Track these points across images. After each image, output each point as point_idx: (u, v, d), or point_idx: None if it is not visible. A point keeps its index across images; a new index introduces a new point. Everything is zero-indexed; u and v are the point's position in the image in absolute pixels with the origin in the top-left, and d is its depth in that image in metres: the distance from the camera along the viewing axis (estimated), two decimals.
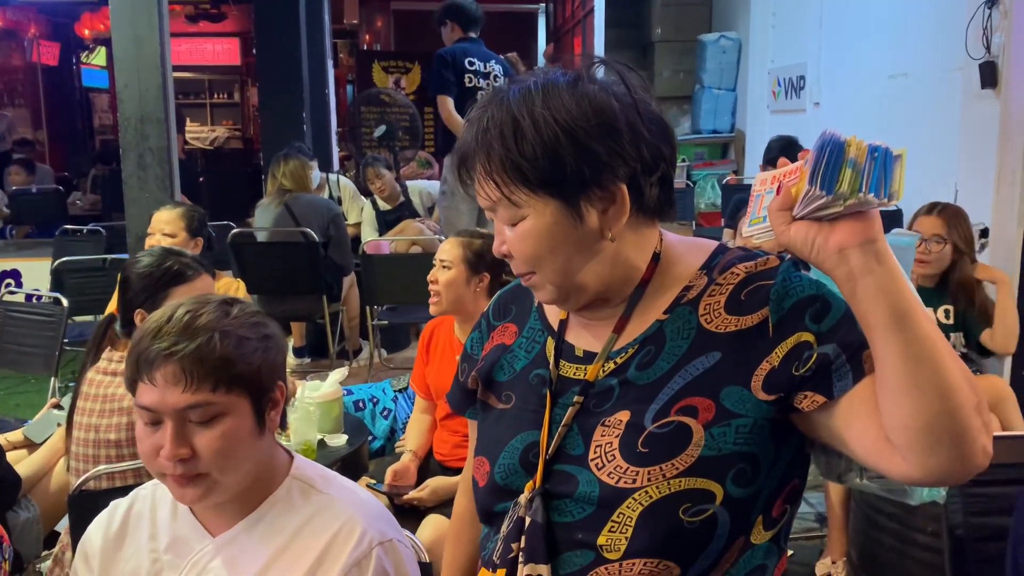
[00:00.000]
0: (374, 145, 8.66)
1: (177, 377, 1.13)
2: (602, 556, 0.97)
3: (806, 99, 5.85)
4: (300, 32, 7.50)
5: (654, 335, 1.01)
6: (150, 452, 1.16)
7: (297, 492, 1.25)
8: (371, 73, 10.24)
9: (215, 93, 14.16)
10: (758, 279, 0.98)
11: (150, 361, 1.14)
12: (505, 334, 1.16)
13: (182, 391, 1.13)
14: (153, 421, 1.16)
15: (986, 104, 3.60)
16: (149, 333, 1.16)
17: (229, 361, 1.15)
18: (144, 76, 3.98)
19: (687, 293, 1.02)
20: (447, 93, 4.66)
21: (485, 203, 1.02)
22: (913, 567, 2.20)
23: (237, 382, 1.16)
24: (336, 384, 2.54)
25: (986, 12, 3.57)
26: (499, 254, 1.04)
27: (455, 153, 1.05)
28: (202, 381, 1.13)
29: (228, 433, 1.16)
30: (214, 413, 1.15)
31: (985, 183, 3.59)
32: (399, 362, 5.07)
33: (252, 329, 1.19)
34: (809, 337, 0.93)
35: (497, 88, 1.02)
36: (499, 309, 1.20)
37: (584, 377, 1.03)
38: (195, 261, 2.19)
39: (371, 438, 3.00)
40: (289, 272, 4.64)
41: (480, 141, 0.99)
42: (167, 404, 1.14)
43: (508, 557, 1.01)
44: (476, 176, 1.01)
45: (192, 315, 1.17)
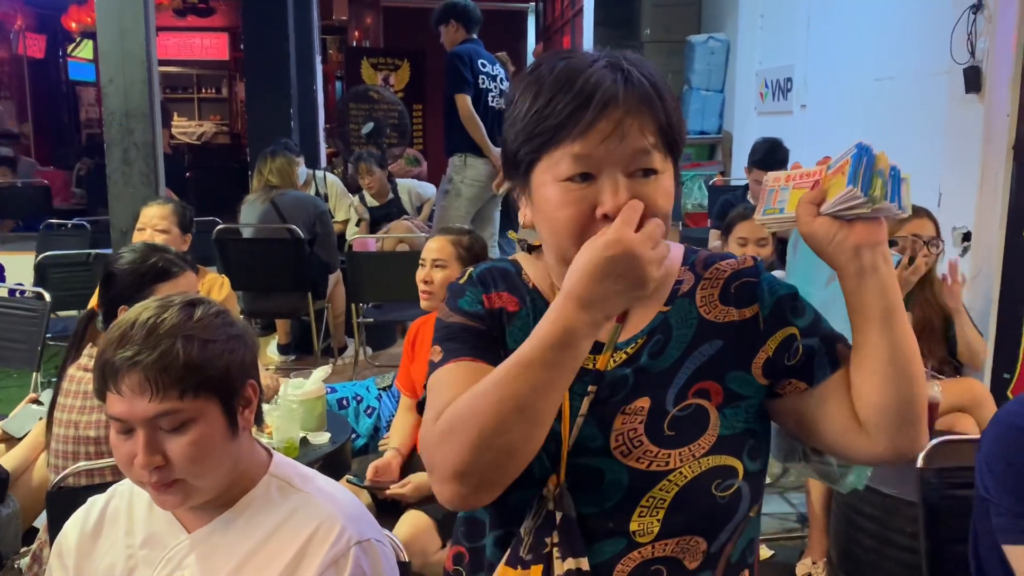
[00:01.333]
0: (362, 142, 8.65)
1: (143, 386, 1.12)
2: (634, 541, 1.01)
3: (793, 101, 5.88)
4: (288, 28, 7.47)
5: (661, 325, 1.06)
6: (125, 460, 1.16)
7: (275, 490, 1.24)
8: (360, 70, 10.23)
9: (203, 88, 14.09)
10: (744, 276, 1.08)
11: (115, 371, 1.13)
12: (503, 300, 1.10)
13: (148, 400, 1.12)
14: (125, 430, 1.15)
15: (970, 108, 3.62)
16: (113, 342, 1.15)
17: (194, 367, 1.14)
18: (129, 70, 3.96)
19: (680, 287, 1.09)
20: (466, 92, 4.67)
21: (638, 145, 0.96)
22: (892, 567, 2.22)
23: (204, 387, 1.15)
24: (319, 382, 2.54)
25: (971, 17, 3.59)
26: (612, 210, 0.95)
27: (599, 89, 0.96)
28: (168, 389, 1.12)
29: (199, 439, 1.15)
30: (183, 420, 1.14)
31: (968, 187, 3.61)
32: (384, 360, 5.06)
33: (217, 330, 1.18)
34: (794, 331, 1.04)
35: (607, 52, 1.02)
36: (485, 279, 1.12)
37: (595, 367, 1.04)
38: (179, 258, 2.19)
39: (354, 436, 3.00)
40: (274, 269, 4.63)
41: (640, 92, 0.98)
42: (136, 414, 1.13)
43: (543, 552, 1.00)
44: (630, 120, 0.96)
45: (154, 321, 1.15)
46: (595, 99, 0.96)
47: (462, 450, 0.93)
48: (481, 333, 1.06)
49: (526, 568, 1.01)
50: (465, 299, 1.10)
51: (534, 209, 1.03)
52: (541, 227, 1.03)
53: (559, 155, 0.97)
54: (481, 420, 0.92)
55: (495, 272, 1.13)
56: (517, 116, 1.01)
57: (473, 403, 0.94)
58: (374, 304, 4.94)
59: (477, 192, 4.90)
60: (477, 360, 1.02)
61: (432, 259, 2.52)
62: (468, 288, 1.11)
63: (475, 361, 1.02)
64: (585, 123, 0.95)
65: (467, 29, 4.83)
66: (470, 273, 1.14)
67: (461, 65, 4.68)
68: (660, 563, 1.01)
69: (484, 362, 1.02)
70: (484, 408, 0.92)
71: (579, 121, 0.96)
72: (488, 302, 1.09)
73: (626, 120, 0.96)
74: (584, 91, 0.96)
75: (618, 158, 0.96)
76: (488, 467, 0.93)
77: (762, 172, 4.16)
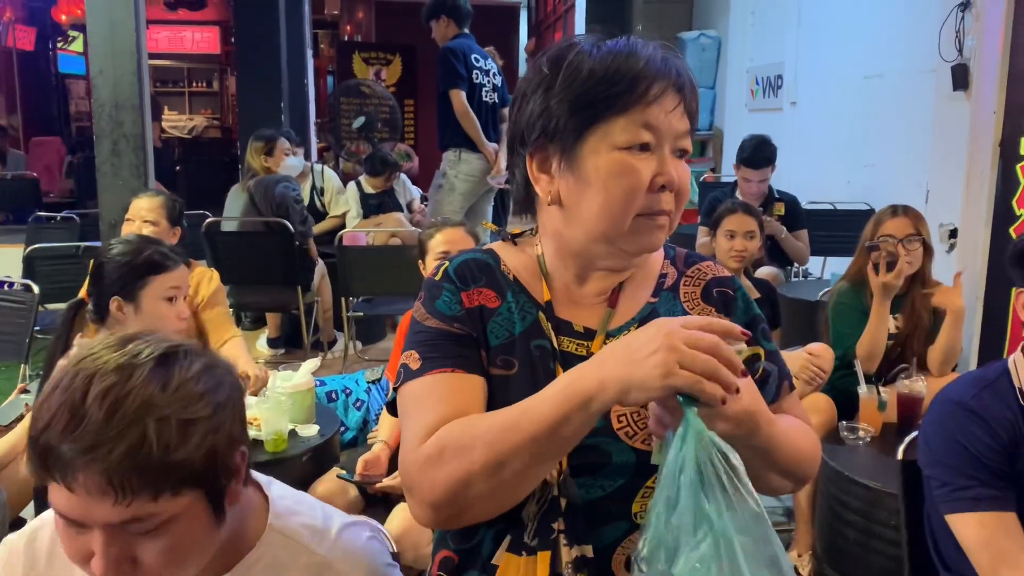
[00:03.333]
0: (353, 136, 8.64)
1: (103, 490, 0.84)
2: (635, 523, 1.02)
3: (783, 98, 5.90)
4: (280, 22, 7.44)
5: (650, 315, 1.08)
6: (78, 558, 0.90)
7: (281, 550, 1.02)
8: (351, 64, 10.20)
9: (194, 82, 14.03)
10: (723, 284, 1.13)
11: (64, 463, 0.84)
12: (482, 297, 1.07)
13: (112, 504, 0.85)
14: (73, 526, 0.89)
15: (957, 106, 3.65)
16: (57, 422, 0.85)
17: (173, 463, 0.86)
18: (119, 62, 3.95)
19: (665, 280, 1.12)
20: (459, 87, 4.67)
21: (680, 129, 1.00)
22: (876, 560, 2.24)
23: (186, 483, 0.88)
24: (308, 374, 2.54)
25: (959, 15, 3.62)
26: (669, 182, 1.00)
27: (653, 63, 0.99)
28: (138, 493, 0.85)
29: (179, 542, 0.90)
30: (159, 523, 0.88)
31: (955, 184, 3.64)
32: (374, 354, 5.06)
33: (199, 403, 0.89)
34: (761, 352, 1.10)
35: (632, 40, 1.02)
36: (463, 274, 1.09)
37: (588, 352, 1.05)
38: (172, 251, 2.18)
39: (343, 429, 2.99)
40: (264, 262, 4.62)
41: (684, 76, 1.01)
42: (94, 518, 0.86)
43: (550, 539, 0.99)
44: (670, 102, 0.99)
45: (115, 396, 0.85)
46: (661, 74, 0.98)
47: (447, 483, 0.92)
48: (460, 338, 1.03)
49: (532, 554, 0.99)
50: (442, 300, 1.06)
51: (576, 180, 1.01)
52: (585, 198, 1.01)
53: (623, 123, 0.98)
54: (471, 461, 0.91)
55: (472, 265, 1.10)
56: (567, 87, 0.99)
57: (466, 439, 0.93)
58: (364, 298, 4.94)
59: (471, 187, 4.91)
60: (457, 371, 1.01)
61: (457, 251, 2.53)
62: (445, 286, 1.08)
63: (455, 372, 1.01)
64: (655, 93, 0.98)
65: (458, 24, 4.83)
66: (445, 268, 1.10)
67: (455, 60, 4.68)
68: None
69: (465, 372, 1.01)
70: (478, 450, 0.91)
71: (648, 90, 0.98)
72: (467, 300, 1.06)
73: (682, 101, 1.00)
74: (651, 65, 0.98)
75: (674, 133, 1.00)
76: (469, 504, 0.93)
77: (750, 170, 4.18)
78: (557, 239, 1.08)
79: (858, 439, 2.48)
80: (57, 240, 5.06)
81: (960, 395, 1.54)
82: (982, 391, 1.53)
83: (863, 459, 2.41)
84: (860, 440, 2.48)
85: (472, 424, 0.95)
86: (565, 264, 1.09)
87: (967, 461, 1.49)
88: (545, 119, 1.01)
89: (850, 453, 2.44)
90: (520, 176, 1.09)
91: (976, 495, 1.48)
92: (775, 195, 4.27)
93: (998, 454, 1.48)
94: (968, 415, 1.51)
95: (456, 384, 1.00)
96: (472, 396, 1.00)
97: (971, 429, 1.50)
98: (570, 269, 1.09)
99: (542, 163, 1.05)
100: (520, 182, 1.09)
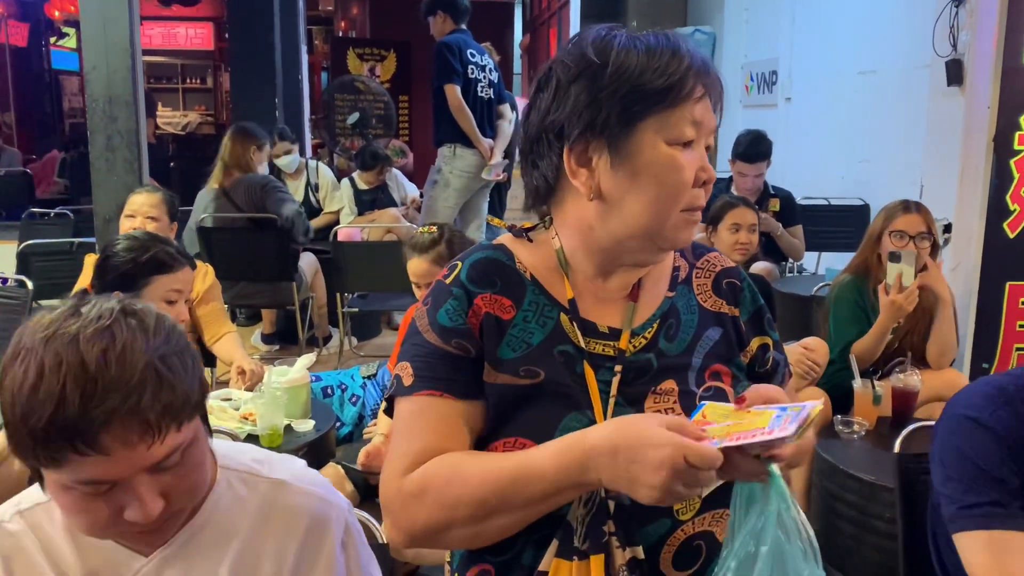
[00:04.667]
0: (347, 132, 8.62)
1: (141, 436, 0.89)
2: (677, 520, 1.02)
3: (778, 94, 5.90)
4: (274, 18, 7.43)
5: (670, 310, 1.10)
6: (105, 520, 0.93)
7: (238, 483, 1.09)
8: (346, 60, 10.17)
9: (188, 78, 13.99)
10: (730, 275, 1.15)
11: (94, 430, 0.86)
12: (496, 306, 1.05)
13: (148, 447, 0.90)
14: (101, 491, 0.92)
15: (951, 101, 3.65)
16: (69, 399, 0.85)
17: (184, 392, 0.93)
18: (113, 58, 3.94)
19: (678, 273, 1.13)
20: (454, 82, 4.66)
21: (712, 125, 1.02)
22: (871, 553, 2.25)
23: (195, 408, 0.96)
24: (304, 369, 2.53)
25: (953, 11, 3.62)
26: (712, 178, 1.03)
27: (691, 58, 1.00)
28: (168, 427, 0.91)
29: (195, 465, 0.98)
30: (182, 452, 0.95)
31: (949, 179, 3.64)
32: (369, 350, 5.06)
33: (174, 335, 0.96)
34: (769, 341, 1.14)
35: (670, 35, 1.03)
36: (477, 277, 1.07)
37: (616, 353, 1.05)
38: (178, 251, 2.16)
39: (339, 424, 3.00)
40: (257, 259, 4.61)
41: (717, 77, 1.02)
42: (135, 467, 0.91)
43: (602, 542, 0.98)
44: (706, 99, 1.01)
45: (116, 354, 0.88)
46: (704, 72, 1.00)
47: (427, 523, 0.97)
48: (456, 359, 1.02)
49: (584, 558, 0.97)
50: (445, 310, 1.04)
51: (626, 174, 0.99)
52: (634, 191, 1.00)
53: (676, 117, 0.98)
54: (454, 509, 0.95)
55: (489, 266, 1.07)
56: (620, 78, 0.98)
57: (453, 487, 0.96)
58: (359, 294, 4.93)
59: (466, 182, 4.90)
60: (447, 396, 1.01)
61: (426, 284, 2.52)
62: (454, 291, 1.05)
63: (444, 397, 1.01)
64: (701, 91, 0.99)
65: (455, 20, 4.82)
66: (458, 272, 1.08)
67: (450, 55, 4.67)
68: (699, 538, 1.03)
69: (454, 397, 1.01)
70: (463, 500, 0.95)
71: (696, 87, 0.98)
72: (474, 313, 1.04)
73: (717, 99, 1.02)
74: (695, 62, 0.99)
75: (710, 130, 1.02)
76: (446, 542, 1.00)
77: (746, 164, 4.18)
78: (586, 234, 1.06)
79: (853, 433, 2.49)
80: (51, 236, 5.05)
81: (978, 411, 1.44)
82: (999, 408, 1.43)
83: (858, 453, 2.42)
84: (855, 434, 2.49)
85: (459, 471, 0.96)
86: (589, 258, 1.07)
87: (979, 478, 1.40)
88: (593, 111, 0.99)
89: (845, 447, 2.45)
90: (549, 169, 1.05)
91: (987, 513, 1.38)
92: (770, 191, 4.27)
93: (1015, 474, 1.39)
94: (984, 433, 1.41)
95: (443, 411, 1.01)
96: (457, 425, 1.01)
97: (987, 447, 1.41)
98: (594, 263, 1.07)
99: (581, 156, 1.02)
100: (547, 175, 1.05)
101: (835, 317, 2.82)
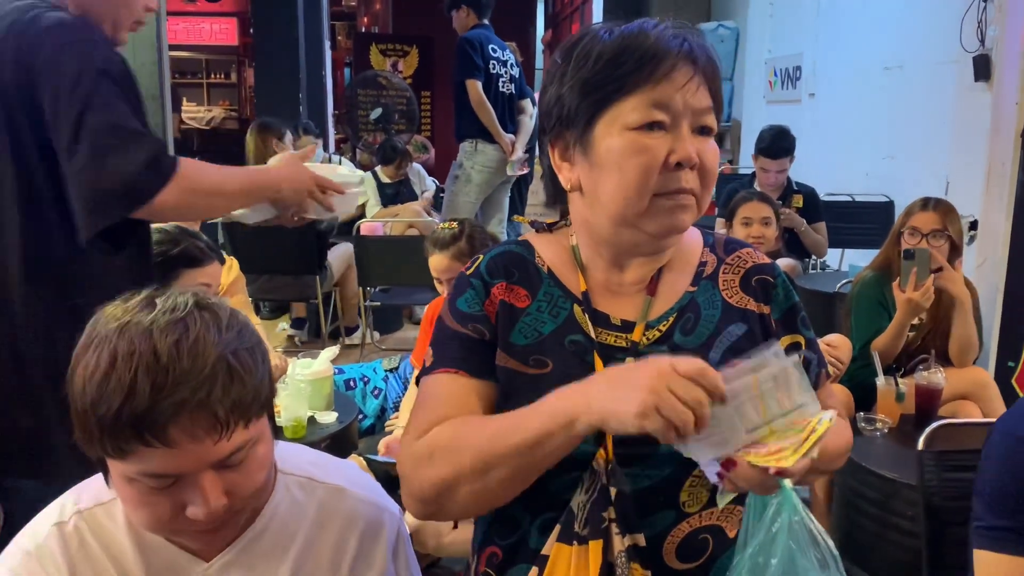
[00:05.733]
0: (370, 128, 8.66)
1: (209, 431, 0.89)
2: (683, 512, 1.03)
3: (802, 90, 5.87)
4: (298, 13, 7.48)
5: (689, 304, 1.08)
6: (167, 515, 0.93)
7: (297, 488, 1.09)
8: (368, 56, 10.22)
9: (212, 73, 14.09)
10: (764, 272, 1.12)
11: (163, 421, 0.87)
12: (512, 295, 1.08)
13: (216, 442, 0.90)
14: (165, 485, 0.92)
15: (979, 97, 3.62)
16: (140, 390, 0.86)
17: (254, 388, 0.93)
18: (140, 53, 3.99)
19: (704, 268, 1.12)
20: (476, 78, 4.68)
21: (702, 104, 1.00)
22: (893, 550, 2.24)
23: (263, 406, 0.96)
24: (327, 362, 2.56)
25: (981, 5, 3.58)
26: (687, 159, 0.99)
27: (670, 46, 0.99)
28: (236, 424, 0.91)
29: (262, 462, 0.98)
30: (248, 449, 0.95)
31: (975, 175, 3.61)
32: (392, 344, 5.09)
33: (246, 331, 0.96)
34: (801, 340, 1.12)
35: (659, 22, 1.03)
36: (495, 268, 1.10)
37: (628, 345, 1.05)
38: (208, 246, 2.18)
39: (361, 416, 3.02)
40: (282, 252, 4.65)
41: (699, 54, 1.01)
42: (201, 462, 0.91)
43: (601, 528, 0.99)
44: (691, 78, 0.99)
45: (188, 346, 0.89)
46: (671, 50, 0.99)
47: (435, 483, 0.98)
48: (472, 343, 1.06)
49: (583, 543, 0.99)
50: (464, 298, 1.09)
51: (590, 165, 1.02)
52: (601, 182, 1.01)
53: (632, 103, 0.98)
54: (459, 464, 0.96)
55: (507, 259, 1.11)
56: (576, 73, 1.01)
57: (456, 443, 0.97)
58: (381, 288, 4.96)
59: (487, 177, 4.91)
60: (461, 372, 1.05)
61: (447, 279, 2.54)
62: (472, 282, 1.09)
63: (459, 373, 1.05)
64: (664, 70, 0.98)
65: (478, 15, 4.83)
66: (479, 264, 1.12)
67: (471, 50, 4.68)
68: (706, 532, 1.03)
69: (467, 375, 1.04)
70: (466, 454, 0.96)
71: (656, 69, 0.98)
72: (490, 301, 1.07)
73: (696, 76, 1.00)
74: (660, 43, 0.99)
75: (689, 109, 0.99)
76: (455, 503, 0.99)
77: (769, 159, 4.16)
78: (586, 227, 1.08)
79: (875, 430, 2.48)
80: None
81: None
82: None
83: (880, 450, 2.40)
84: (877, 431, 2.48)
85: (462, 428, 0.99)
86: (599, 252, 1.09)
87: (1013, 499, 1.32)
88: (559, 106, 1.03)
89: (867, 444, 2.43)
90: (546, 166, 1.10)
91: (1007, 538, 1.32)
92: (794, 187, 4.25)
93: None
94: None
95: (457, 386, 1.04)
96: (470, 400, 1.04)
97: None
98: (604, 257, 1.09)
99: (563, 151, 1.06)
100: (547, 173, 1.10)
101: (857, 314, 2.80)
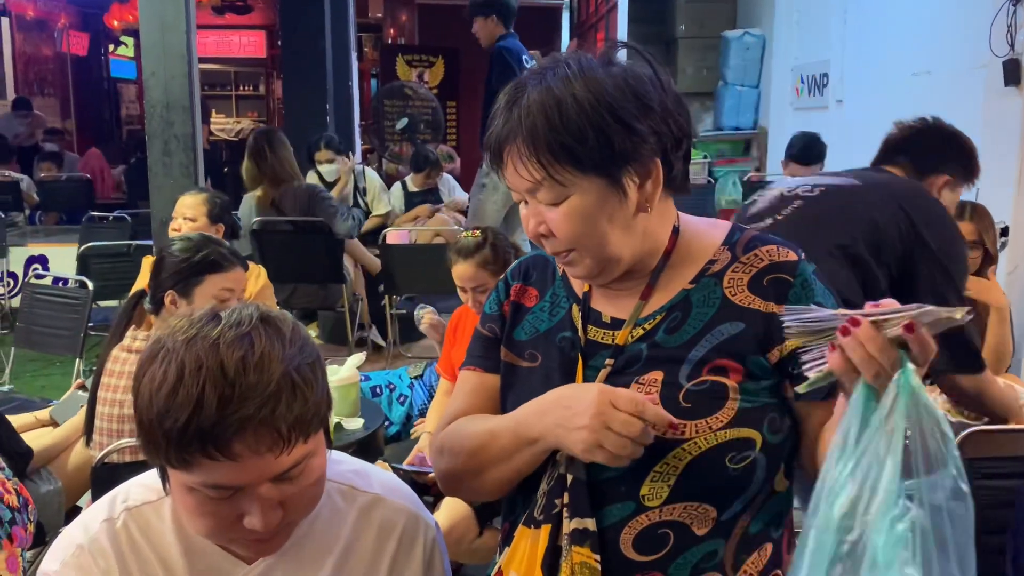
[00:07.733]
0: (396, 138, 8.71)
1: (271, 446, 0.90)
2: (643, 505, 1.04)
3: (829, 96, 5.83)
4: (325, 25, 7.54)
5: (681, 302, 1.08)
6: (224, 524, 0.95)
7: (338, 496, 1.10)
8: (395, 67, 10.29)
9: (240, 85, 14.29)
10: (779, 270, 1.07)
11: (228, 435, 0.88)
12: (524, 295, 1.18)
13: (276, 456, 0.91)
14: (225, 496, 0.93)
15: (1009, 102, 3.57)
16: (207, 404, 0.87)
17: (315, 403, 0.94)
18: (170, 64, 4.04)
19: (712, 266, 1.10)
20: None
21: (525, 185, 1.03)
22: None
23: (322, 420, 0.97)
24: (354, 368, 2.58)
25: (1011, 10, 3.54)
26: (535, 235, 1.07)
27: (488, 137, 1.04)
28: (298, 439, 0.92)
29: (317, 475, 0.99)
30: (306, 461, 0.96)
31: (1006, 181, 3.57)
32: (417, 351, 5.10)
33: (307, 346, 0.96)
34: None
35: (531, 72, 1.04)
36: (519, 271, 1.21)
37: (613, 342, 1.08)
38: (231, 253, 2.22)
39: (387, 423, 3.04)
40: (309, 260, 4.68)
41: (523, 123, 1.00)
42: (262, 475, 0.92)
43: (552, 513, 1.05)
44: (515, 159, 1.02)
45: (255, 361, 0.89)
46: (503, 139, 1.03)
47: (444, 474, 1.16)
48: (488, 340, 1.19)
49: (537, 528, 1.06)
50: (490, 300, 1.21)
51: None
52: None
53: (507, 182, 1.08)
54: (459, 464, 1.12)
55: (532, 261, 1.21)
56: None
57: (456, 445, 1.12)
58: (407, 296, 4.98)
59: None
60: (477, 369, 1.19)
61: (471, 287, 2.55)
62: (499, 285, 1.21)
63: (475, 371, 1.19)
64: (500, 158, 1.04)
65: (506, 24, 4.82)
66: (513, 266, 1.23)
67: (511, 60, 4.67)
68: (667, 527, 1.04)
69: (484, 371, 1.18)
70: (462, 457, 1.11)
71: (498, 158, 1.05)
72: (507, 301, 1.19)
73: (519, 159, 1.02)
74: (496, 135, 1.04)
75: (525, 188, 1.04)
76: (465, 490, 1.22)
77: (800, 167, 4.14)
78: None
79: None
80: (109, 239, 5.20)
81: None
82: None
83: None
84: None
85: (463, 430, 1.13)
86: None
87: None
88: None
89: None
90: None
91: None
92: None
93: None
94: None
95: (476, 383, 1.19)
96: (486, 395, 1.18)
97: None
98: None
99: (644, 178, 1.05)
100: None
101: None
